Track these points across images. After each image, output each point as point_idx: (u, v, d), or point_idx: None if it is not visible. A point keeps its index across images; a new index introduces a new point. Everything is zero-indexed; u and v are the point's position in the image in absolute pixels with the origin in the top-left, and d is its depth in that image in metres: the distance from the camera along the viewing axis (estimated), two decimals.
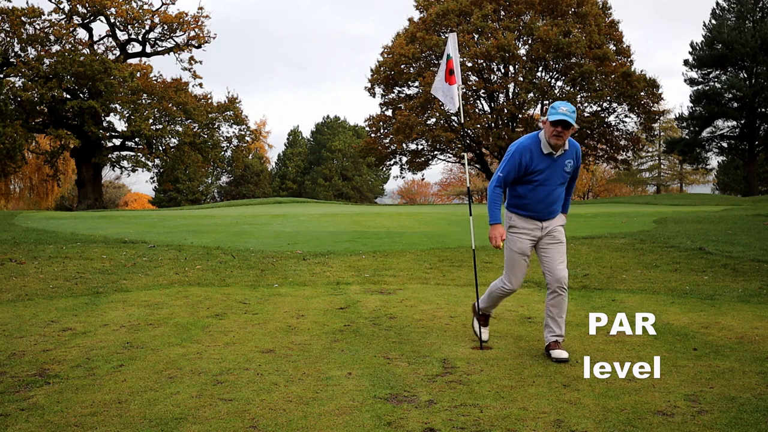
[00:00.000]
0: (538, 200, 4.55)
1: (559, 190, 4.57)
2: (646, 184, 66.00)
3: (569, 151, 4.53)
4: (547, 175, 4.48)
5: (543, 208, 4.58)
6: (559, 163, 4.49)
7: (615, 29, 41.93)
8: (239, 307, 6.24)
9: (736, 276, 7.63)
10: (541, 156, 4.46)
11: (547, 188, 4.52)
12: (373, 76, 43.70)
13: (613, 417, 3.31)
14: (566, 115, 4.29)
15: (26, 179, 48.89)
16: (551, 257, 4.54)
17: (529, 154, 4.45)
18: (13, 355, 4.51)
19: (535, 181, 4.50)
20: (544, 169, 4.46)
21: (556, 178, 4.51)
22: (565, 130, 4.34)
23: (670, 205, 26.08)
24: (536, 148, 4.45)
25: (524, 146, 4.47)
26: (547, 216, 4.62)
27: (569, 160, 4.53)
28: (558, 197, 4.59)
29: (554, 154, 4.45)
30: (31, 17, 34.26)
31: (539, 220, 4.60)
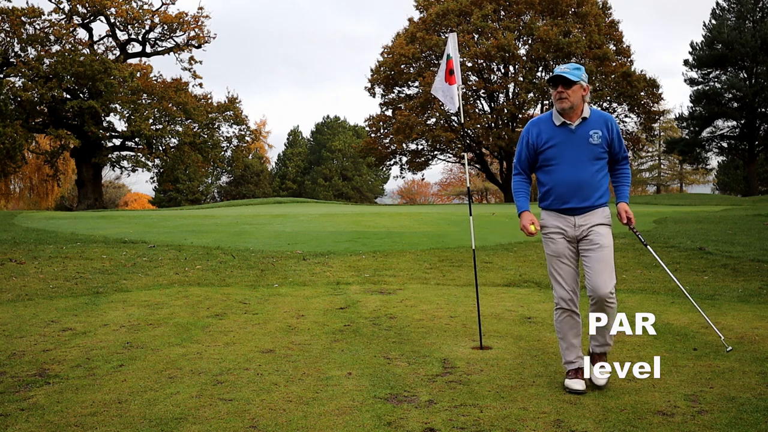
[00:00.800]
0: (559, 183, 3.78)
1: (589, 169, 3.74)
2: (646, 184, 66.01)
3: (593, 119, 3.78)
4: (563, 149, 3.76)
5: (568, 194, 3.76)
6: (580, 135, 3.74)
7: (615, 29, 41.96)
8: (239, 307, 6.24)
9: (736, 276, 7.63)
10: (553, 128, 3.81)
11: (568, 167, 3.75)
12: (373, 76, 43.71)
13: (613, 417, 3.31)
14: (563, 71, 3.70)
15: (26, 179, 48.89)
16: (590, 267, 3.73)
17: (536, 129, 3.86)
18: (13, 355, 4.51)
19: (551, 160, 3.80)
20: (559, 143, 3.77)
21: (580, 153, 3.73)
22: (568, 89, 3.69)
23: (670, 205, 26.09)
24: (546, 122, 3.85)
25: (531, 123, 3.92)
26: (579, 207, 3.78)
27: (595, 131, 3.75)
28: (590, 180, 3.74)
29: (570, 124, 3.75)
30: (31, 17, 34.26)
31: (570, 213, 3.80)
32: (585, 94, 3.75)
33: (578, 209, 3.79)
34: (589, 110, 3.78)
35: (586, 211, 3.80)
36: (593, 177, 3.77)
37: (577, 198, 3.77)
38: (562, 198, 3.80)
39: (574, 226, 3.81)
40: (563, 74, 3.68)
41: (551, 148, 3.79)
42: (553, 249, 3.84)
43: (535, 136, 3.84)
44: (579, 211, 3.79)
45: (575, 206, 3.78)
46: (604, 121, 3.81)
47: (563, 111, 3.71)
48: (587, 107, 3.78)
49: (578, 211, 3.79)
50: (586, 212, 3.80)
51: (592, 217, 3.80)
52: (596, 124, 3.77)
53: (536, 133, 3.84)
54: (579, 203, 3.77)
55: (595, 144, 3.75)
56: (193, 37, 38.90)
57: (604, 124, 3.79)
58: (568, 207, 3.79)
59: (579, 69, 3.74)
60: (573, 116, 3.75)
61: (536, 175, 3.98)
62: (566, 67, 3.74)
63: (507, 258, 9.27)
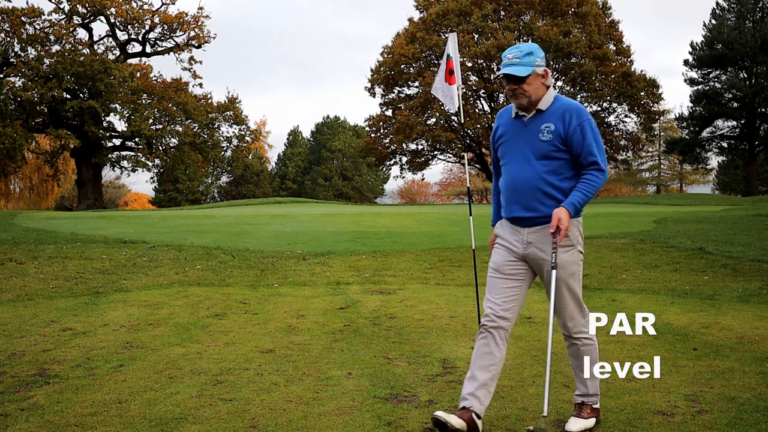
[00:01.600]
0: (504, 186, 3.24)
1: (535, 169, 3.10)
2: (646, 184, 65.98)
3: (551, 111, 3.13)
4: (512, 145, 3.20)
5: (510, 199, 3.18)
6: (531, 129, 3.14)
7: (615, 29, 41.94)
8: (239, 307, 6.24)
9: (736, 276, 7.63)
10: (509, 121, 3.26)
11: (513, 167, 3.18)
12: (373, 76, 43.70)
13: (613, 417, 3.31)
14: (511, 64, 3.09)
15: (26, 179, 48.87)
16: (551, 296, 3.13)
17: (497, 123, 3.34)
18: (13, 355, 4.51)
19: (502, 158, 3.28)
20: (510, 138, 3.22)
21: (526, 150, 3.13)
22: (521, 84, 3.10)
23: (670, 205, 26.09)
24: (507, 114, 3.31)
25: (498, 114, 3.36)
26: (523, 218, 3.16)
27: (547, 125, 3.10)
28: (535, 184, 3.10)
29: (524, 116, 3.18)
30: (31, 17, 34.25)
31: (518, 224, 3.19)
32: (545, 80, 3.15)
33: (523, 220, 3.17)
34: (552, 100, 3.16)
35: (534, 224, 3.15)
36: (539, 180, 3.09)
37: (519, 205, 3.16)
38: (507, 204, 3.22)
39: (524, 242, 3.18)
40: (510, 70, 3.09)
41: (503, 144, 3.26)
42: (493, 259, 3.28)
43: (494, 131, 3.33)
44: (525, 222, 3.17)
45: (518, 216, 3.17)
46: (562, 112, 3.11)
47: (520, 107, 3.18)
48: (550, 95, 3.16)
49: (524, 223, 3.17)
50: (535, 227, 3.15)
51: (546, 236, 3.12)
52: (551, 117, 3.12)
53: (496, 126, 3.34)
54: (521, 212, 3.15)
55: (544, 140, 3.10)
56: (193, 37, 38.89)
57: (561, 117, 3.10)
58: (513, 217, 3.20)
59: (531, 54, 3.11)
60: (530, 107, 3.17)
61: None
62: (515, 57, 3.10)
63: None
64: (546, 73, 3.15)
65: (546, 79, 3.15)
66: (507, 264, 3.21)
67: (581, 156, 3.10)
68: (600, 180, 3.12)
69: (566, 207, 3.04)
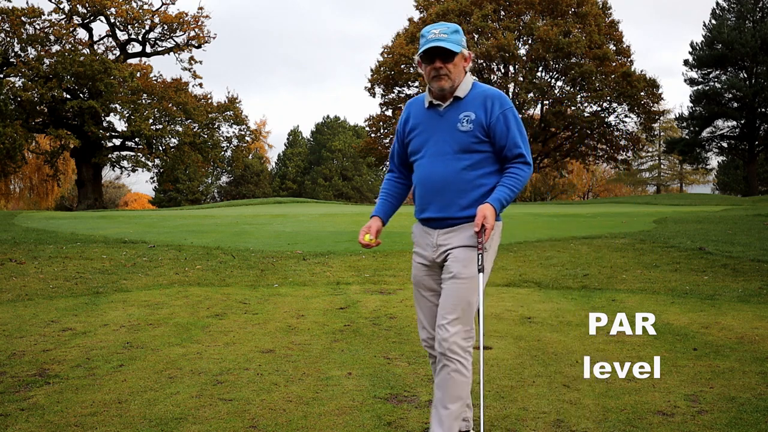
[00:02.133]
0: (418, 183, 2.89)
1: (453, 164, 2.76)
2: (646, 184, 66.01)
3: (470, 99, 2.80)
4: (427, 137, 2.83)
5: (426, 198, 2.84)
6: (448, 119, 2.80)
7: (615, 29, 41.98)
8: (239, 307, 6.24)
9: (736, 276, 7.63)
10: (422, 111, 2.89)
11: (428, 161, 2.82)
12: (373, 76, 43.74)
13: (613, 417, 3.31)
14: (440, 39, 2.70)
15: (26, 179, 48.89)
16: (440, 304, 2.80)
17: (406, 113, 2.97)
18: (13, 355, 4.51)
19: (415, 153, 2.90)
20: (424, 130, 2.86)
21: (443, 142, 2.79)
22: (449, 63, 2.74)
23: (670, 205, 26.09)
24: (418, 103, 2.95)
25: (407, 103, 3.01)
26: (437, 218, 2.82)
27: (467, 114, 2.77)
28: (453, 180, 2.76)
29: (440, 105, 2.83)
30: (31, 17, 34.26)
31: (430, 226, 2.86)
32: (467, 65, 2.82)
33: (437, 221, 2.81)
34: (470, 87, 2.83)
35: (449, 225, 2.79)
36: (459, 176, 2.75)
37: (435, 205, 2.79)
38: (421, 204, 2.87)
39: (434, 246, 2.83)
40: (443, 44, 2.70)
41: (417, 137, 2.87)
42: (413, 275, 2.95)
43: (403, 122, 2.95)
44: (438, 224, 2.81)
45: (433, 216, 2.81)
46: (482, 100, 2.78)
47: (442, 91, 2.78)
48: (468, 82, 2.83)
49: (438, 224, 2.82)
50: (449, 227, 2.80)
51: (456, 236, 2.78)
52: (471, 105, 2.78)
53: (405, 117, 2.95)
54: (437, 212, 2.79)
55: (463, 131, 2.76)
56: (193, 37, 38.90)
57: (482, 105, 2.77)
58: (426, 217, 2.85)
59: (457, 32, 2.77)
60: (447, 95, 2.82)
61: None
62: (443, 32, 2.73)
63: (507, 258, 9.27)
64: (469, 58, 2.83)
65: (468, 63, 2.83)
66: (425, 278, 2.89)
67: (506, 148, 2.78)
68: (527, 174, 2.81)
69: (492, 203, 2.72)
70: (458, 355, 2.70)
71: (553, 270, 8.36)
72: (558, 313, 5.88)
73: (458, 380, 2.72)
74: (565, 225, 13.91)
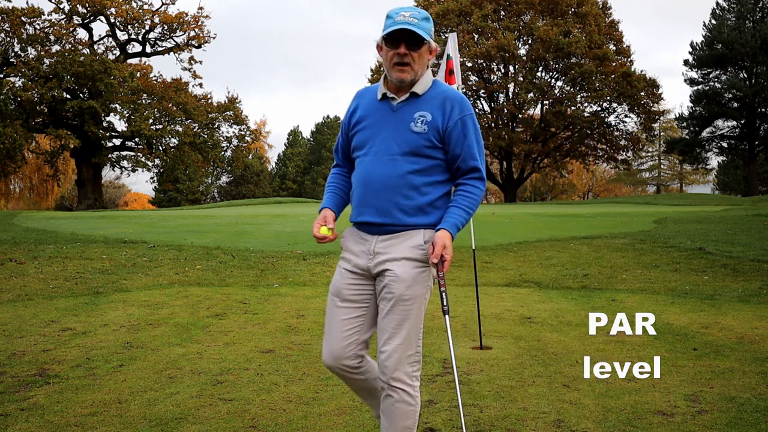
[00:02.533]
0: (357, 182, 2.56)
1: (400, 166, 2.46)
2: (646, 184, 66.00)
3: (429, 97, 2.51)
4: (374, 132, 2.51)
5: (364, 200, 2.52)
6: (401, 116, 2.49)
7: (615, 29, 41.97)
8: (239, 307, 6.24)
9: (736, 276, 7.63)
10: (373, 103, 2.56)
11: (372, 159, 2.50)
12: (373, 76, 43.73)
13: (613, 417, 3.31)
14: (409, 23, 2.39)
15: (26, 179, 48.87)
16: (380, 327, 2.52)
17: (355, 103, 2.63)
18: (13, 355, 4.51)
19: (359, 148, 2.56)
20: (371, 124, 2.52)
21: (391, 141, 2.47)
22: (416, 51, 2.44)
23: (670, 205, 26.09)
24: (369, 94, 2.61)
25: (357, 93, 2.67)
26: (376, 223, 2.50)
27: (422, 114, 2.47)
28: (398, 183, 2.45)
29: (394, 99, 2.51)
30: (31, 17, 34.24)
31: (367, 232, 2.54)
32: (431, 59, 2.53)
33: (375, 226, 2.50)
34: (430, 84, 2.53)
35: (388, 232, 2.49)
36: (404, 180, 2.45)
37: (375, 209, 2.48)
38: (359, 206, 2.54)
39: (370, 253, 2.51)
40: (412, 28, 2.38)
41: (362, 130, 2.54)
42: (333, 282, 2.61)
43: (350, 113, 2.61)
44: (377, 229, 2.50)
45: (371, 220, 2.49)
46: (442, 101, 2.49)
47: (402, 83, 2.47)
48: (429, 79, 2.53)
49: (376, 230, 2.51)
50: (389, 234, 2.49)
51: (397, 246, 2.49)
52: (428, 105, 2.49)
53: (353, 108, 2.60)
54: (376, 217, 2.48)
55: (416, 132, 2.45)
56: (193, 37, 38.88)
57: (441, 107, 2.48)
58: (363, 221, 2.52)
59: (429, 20, 2.47)
60: (404, 89, 2.51)
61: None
62: (413, 16, 2.42)
63: (507, 258, 9.27)
64: (435, 51, 2.53)
65: (432, 57, 2.53)
66: (348, 287, 2.55)
67: (460, 158, 2.52)
68: (481, 192, 2.56)
69: (449, 230, 2.44)
70: (403, 383, 2.45)
71: (553, 270, 8.36)
72: (558, 313, 5.88)
73: (404, 410, 2.48)
74: (565, 225, 13.90)
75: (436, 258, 2.42)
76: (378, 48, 2.51)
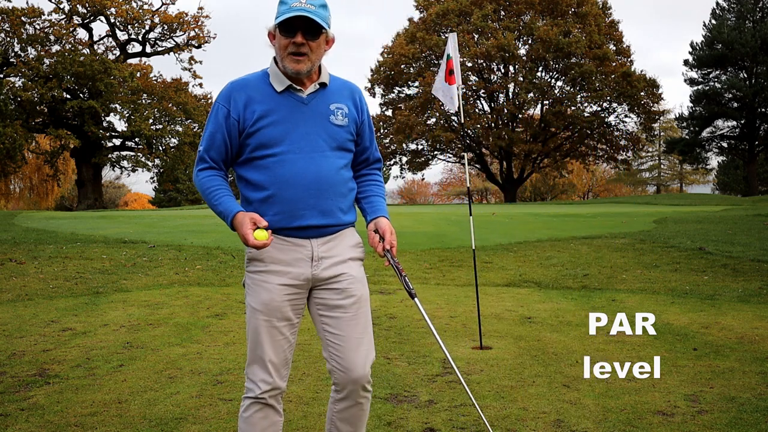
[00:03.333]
0: (288, 184, 2.28)
1: (332, 162, 2.33)
2: (646, 184, 66.00)
3: (336, 89, 2.40)
4: (287, 128, 2.29)
5: (303, 202, 2.29)
6: (316, 109, 2.33)
7: (615, 29, 41.99)
8: (239, 307, 6.24)
9: (736, 276, 7.63)
10: (272, 96, 2.31)
11: (301, 158, 2.28)
12: (373, 76, 43.76)
13: (613, 417, 3.31)
14: (306, 9, 2.20)
15: (26, 179, 48.86)
16: (340, 334, 2.37)
17: (242, 96, 2.30)
18: (13, 355, 4.51)
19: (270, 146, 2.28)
20: (282, 119, 2.29)
21: (315, 135, 2.31)
22: (314, 41, 2.25)
23: (670, 205, 26.08)
24: (259, 86, 2.33)
25: (233, 86, 2.33)
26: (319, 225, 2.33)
27: (340, 105, 2.37)
28: (335, 180, 2.34)
29: (301, 91, 2.32)
30: (31, 17, 34.26)
31: (305, 236, 2.32)
32: (327, 49, 2.36)
33: (317, 229, 2.33)
34: (329, 75, 2.40)
35: (329, 233, 2.36)
36: (338, 176, 2.35)
37: (316, 210, 2.31)
38: (293, 209, 2.29)
39: (313, 259, 2.32)
40: (310, 15, 2.20)
41: (270, 126, 2.28)
42: (265, 300, 2.30)
43: (241, 108, 2.29)
44: (318, 232, 2.34)
45: (314, 223, 2.31)
46: (350, 93, 2.43)
47: (298, 75, 2.29)
48: (326, 69, 2.40)
49: (317, 233, 2.34)
50: (329, 236, 2.36)
51: (338, 246, 2.38)
52: (339, 97, 2.39)
53: (243, 102, 2.30)
54: (319, 218, 2.32)
55: (339, 125, 2.35)
56: (193, 37, 38.89)
57: (351, 98, 2.41)
58: (304, 225, 2.30)
59: (326, 8, 2.29)
60: (306, 81, 2.34)
61: (241, 173, 2.38)
62: (310, 3, 2.23)
63: (507, 258, 9.27)
64: (332, 42, 2.37)
65: (329, 48, 2.37)
66: (287, 304, 2.32)
67: (369, 150, 2.52)
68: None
69: (387, 218, 2.47)
70: (370, 384, 2.41)
71: (553, 270, 8.36)
72: (558, 313, 5.88)
73: (368, 409, 2.45)
74: (565, 225, 13.90)
75: (389, 245, 2.40)
76: (270, 36, 2.32)
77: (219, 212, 2.32)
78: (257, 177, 2.31)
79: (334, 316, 2.37)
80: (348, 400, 2.38)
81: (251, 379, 2.35)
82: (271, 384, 2.34)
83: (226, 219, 2.29)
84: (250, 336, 2.33)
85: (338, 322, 2.36)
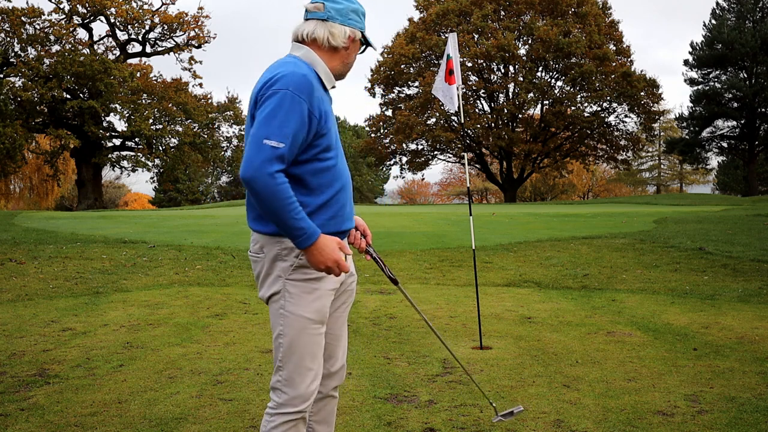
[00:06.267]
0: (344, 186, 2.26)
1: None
2: (646, 184, 66.00)
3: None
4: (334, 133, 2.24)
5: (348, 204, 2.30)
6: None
7: (615, 29, 41.96)
8: (239, 307, 6.24)
9: (736, 276, 7.63)
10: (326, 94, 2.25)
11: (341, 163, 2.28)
12: (373, 76, 43.74)
13: (613, 417, 3.31)
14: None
15: (26, 179, 48.84)
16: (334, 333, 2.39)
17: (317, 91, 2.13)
18: (13, 355, 4.51)
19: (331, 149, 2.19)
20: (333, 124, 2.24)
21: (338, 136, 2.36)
22: None
23: (670, 205, 26.08)
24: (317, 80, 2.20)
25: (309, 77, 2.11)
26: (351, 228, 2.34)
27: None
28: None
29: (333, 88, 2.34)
30: (31, 17, 34.24)
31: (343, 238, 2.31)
32: None
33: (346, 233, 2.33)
34: None
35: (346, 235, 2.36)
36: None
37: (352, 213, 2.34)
38: (345, 213, 2.26)
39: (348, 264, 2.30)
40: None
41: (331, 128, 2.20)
42: (318, 307, 2.19)
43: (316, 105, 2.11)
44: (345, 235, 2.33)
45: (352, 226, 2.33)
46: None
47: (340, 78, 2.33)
48: None
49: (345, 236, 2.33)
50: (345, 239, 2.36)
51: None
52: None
53: (318, 98, 2.13)
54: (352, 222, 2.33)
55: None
56: (193, 37, 38.87)
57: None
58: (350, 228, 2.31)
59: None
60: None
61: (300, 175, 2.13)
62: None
63: (507, 258, 9.27)
64: None
65: None
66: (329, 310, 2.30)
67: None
68: None
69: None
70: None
71: (553, 270, 8.36)
72: (558, 313, 5.88)
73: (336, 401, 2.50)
74: (565, 225, 13.90)
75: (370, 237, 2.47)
76: (350, 40, 2.27)
77: (298, 227, 2.02)
78: (317, 180, 2.15)
79: (335, 315, 2.38)
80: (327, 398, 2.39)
81: (292, 395, 2.16)
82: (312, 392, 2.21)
83: (307, 238, 2.04)
84: (292, 346, 2.15)
85: (336, 319, 2.38)
